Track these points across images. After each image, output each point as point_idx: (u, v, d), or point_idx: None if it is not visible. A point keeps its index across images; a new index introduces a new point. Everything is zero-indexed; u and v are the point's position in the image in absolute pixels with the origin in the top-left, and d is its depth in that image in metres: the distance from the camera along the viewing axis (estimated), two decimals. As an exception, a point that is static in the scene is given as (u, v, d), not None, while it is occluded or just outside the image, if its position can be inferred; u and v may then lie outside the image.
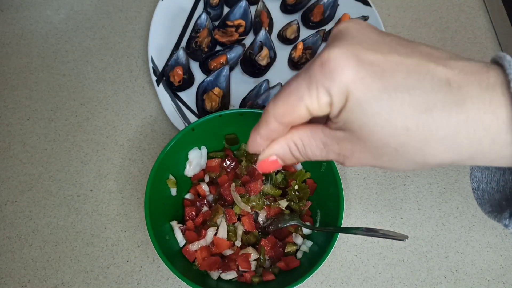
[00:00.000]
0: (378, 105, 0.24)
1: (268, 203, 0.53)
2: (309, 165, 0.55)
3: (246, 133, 0.56)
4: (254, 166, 0.54)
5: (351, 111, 0.25)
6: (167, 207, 0.52)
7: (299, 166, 0.56)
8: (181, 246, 0.51)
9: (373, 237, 0.57)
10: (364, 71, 0.24)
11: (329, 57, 0.24)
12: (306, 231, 0.53)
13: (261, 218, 0.53)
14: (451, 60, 0.24)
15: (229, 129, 0.55)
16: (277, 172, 0.56)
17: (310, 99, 0.26)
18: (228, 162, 0.56)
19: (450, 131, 0.24)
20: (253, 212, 0.53)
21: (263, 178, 0.54)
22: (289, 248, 0.51)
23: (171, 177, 0.53)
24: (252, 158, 0.56)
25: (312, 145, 0.29)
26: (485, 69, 0.24)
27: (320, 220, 0.53)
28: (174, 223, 0.52)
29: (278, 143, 0.30)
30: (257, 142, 0.30)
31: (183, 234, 0.52)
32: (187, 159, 0.55)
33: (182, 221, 0.54)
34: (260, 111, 0.52)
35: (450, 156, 0.25)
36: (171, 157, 0.52)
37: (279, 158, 0.31)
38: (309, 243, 0.51)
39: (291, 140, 0.29)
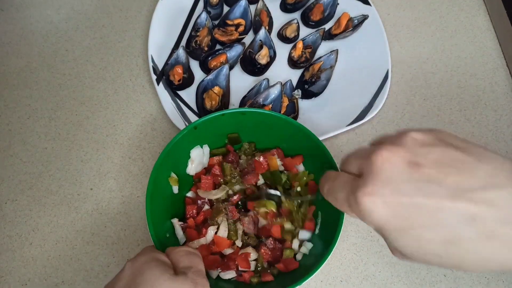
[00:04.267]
0: (408, 240, 0.29)
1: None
2: (311, 167, 0.55)
3: (248, 132, 0.56)
4: (256, 159, 0.54)
5: (387, 238, 0.30)
6: (168, 205, 0.52)
7: (301, 168, 0.56)
8: (181, 244, 0.52)
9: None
10: (391, 214, 0.29)
11: (362, 201, 0.30)
12: (305, 235, 0.52)
13: (260, 222, 0.53)
14: (482, 191, 0.27)
15: (231, 128, 0.55)
16: (281, 172, 0.56)
17: (351, 215, 0.33)
18: (230, 159, 0.56)
19: (479, 258, 0.28)
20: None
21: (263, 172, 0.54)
22: (287, 254, 0.51)
23: (173, 175, 0.53)
24: (252, 152, 0.56)
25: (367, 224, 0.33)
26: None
27: (320, 222, 0.52)
28: (175, 221, 0.52)
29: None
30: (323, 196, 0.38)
31: (184, 232, 0.52)
32: (189, 157, 0.55)
33: (183, 219, 0.54)
34: (261, 111, 0.53)
35: (487, 271, 0.30)
36: (173, 155, 0.52)
37: None
38: (309, 245, 0.51)
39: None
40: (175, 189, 0.54)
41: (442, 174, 0.28)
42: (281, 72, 0.69)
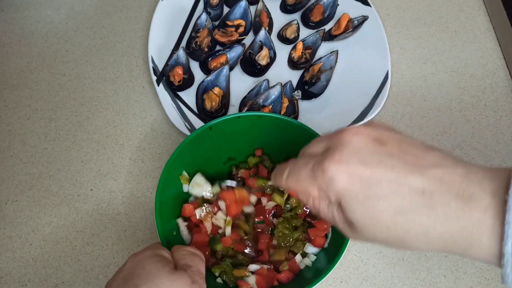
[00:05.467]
0: (364, 209, 0.31)
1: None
2: None
3: (262, 137, 0.55)
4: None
5: (345, 210, 0.32)
6: (176, 203, 0.52)
7: None
8: (187, 244, 0.52)
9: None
10: (353, 183, 0.31)
11: (329, 168, 0.31)
12: (312, 250, 0.51)
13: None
14: (433, 168, 0.30)
15: (246, 131, 0.55)
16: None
17: (313, 190, 0.34)
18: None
19: (421, 230, 0.30)
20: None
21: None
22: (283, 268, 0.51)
23: (184, 173, 0.53)
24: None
25: (325, 213, 0.35)
26: (461, 179, 0.29)
27: (330, 238, 0.52)
28: (180, 221, 0.52)
29: (299, 193, 0.36)
30: (276, 185, 0.39)
31: (189, 231, 0.52)
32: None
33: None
34: (278, 116, 0.53)
35: (427, 248, 0.31)
36: (187, 154, 0.52)
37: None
38: (313, 257, 0.51)
39: (310, 200, 0.35)
40: (185, 188, 0.54)
41: (402, 153, 0.31)
42: (281, 73, 0.69)
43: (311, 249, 0.51)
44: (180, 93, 0.66)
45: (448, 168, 0.30)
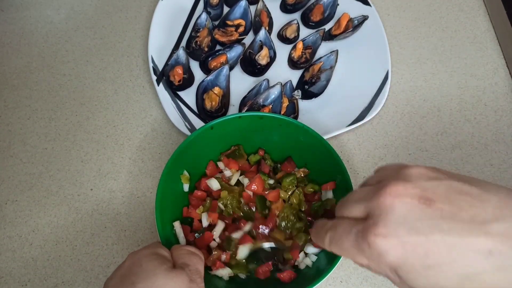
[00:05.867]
0: (426, 278, 0.28)
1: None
2: (319, 175, 0.55)
3: (263, 138, 0.55)
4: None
5: (402, 278, 0.29)
6: (177, 202, 0.52)
7: (330, 194, 0.54)
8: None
9: None
10: (407, 254, 0.28)
11: (375, 243, 0.29)
12: (312, 250, 0.51)
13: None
14: (494, 223, 0.27)
15: (247, 131, 0.55)
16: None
17: (361, 261, 0.31)
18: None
19: None
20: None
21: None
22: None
23: (185, 172, 0.53)
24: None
25: (377, 271, 0.32)
26: None
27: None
28: (177, 224, 0.51)
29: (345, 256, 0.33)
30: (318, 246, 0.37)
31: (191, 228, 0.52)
32: (203, 158, 0.55)
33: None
34: (279, 116, 0.52)
35: None
36: (188, 153, 0.52)
37: None
38: (314, 257, 0.51)
39: (358, 261, 0.32)
40: (186, 187, 0.54)
41: (455, 209, 0.28)
42: (281, 73, 0.69)
43: (311, 249, 0.51)
44: (180, 93, 0.66)
45: (510, 219, 0.27)
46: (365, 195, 0.32)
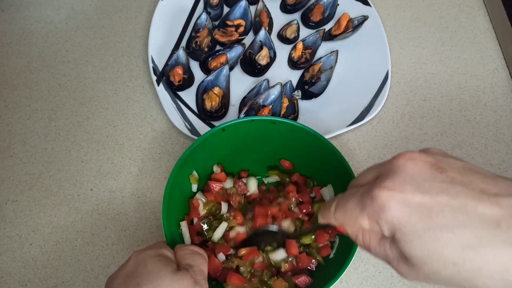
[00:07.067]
0: (424, 242, 0.27)
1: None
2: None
3: (275, 142, 0.54)
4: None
5: (400, 242, 0.28)
6: (184, 202, 0.52)
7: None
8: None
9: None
10: (409, 212, 0.27)
11: (378, 195, 0.28)
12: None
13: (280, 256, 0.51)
14: (507, 197, 0.26)
15: (259, 136, 0.54)
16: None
17: (363, 222, 0.30)
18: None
19: (499, 269, 0.25)
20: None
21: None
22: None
23: (194, 173, 0.53)
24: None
25: (376, 249, 0.32)
26: None
27: (337, 247, 0.51)
28: (183, 223, 0.51)
29: (348, 227, 0.33)
30: (324, 221, 0.36)
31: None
32: (215, 160, 0.55)
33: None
34: (292, 122, 0.52)
35: None
36: (199, 154, 0.51)
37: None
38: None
39: (360, 235, 0.32)
40: (194, 188, 0.54)
41: (467, 180, 0.27)
42: (281, 73, 0.69)
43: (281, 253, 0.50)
44: (180, 93, 0.66)
45: None
46: (378, 164, 0.32)
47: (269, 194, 0.56)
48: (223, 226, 0.51)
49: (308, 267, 0.50)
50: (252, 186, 0.56)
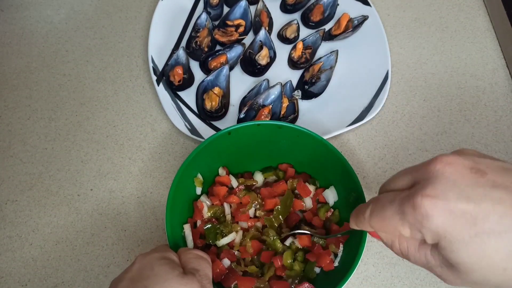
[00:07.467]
0: (472, 249, 0.26)
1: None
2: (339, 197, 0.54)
3: (280, 147, 0.54)
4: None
5: (445, 250, 0.28)
6: (187, 205, 0.52)
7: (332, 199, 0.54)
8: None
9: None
10: (454, 220, 0.27)
11: (422, 204, 0.27)
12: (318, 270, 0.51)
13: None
14: None
15: (265, 140, 0.54)
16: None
17: (403, 230, 0.29)
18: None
19: None
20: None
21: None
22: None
23: (199, 176, 0.53)
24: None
25: (416, 256, 0.31)
26: None
27: (341, 256, 0.51)
28: (187, 226, 0.51)
29: (383, 233, 0.32)
30: (357, 228, 0.35)
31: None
32: (219, 163, 0.55)
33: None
34: (298, 127, 0.52)
35: None
36: (203, 156, 0.51)
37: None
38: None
39: (396, 242, 0.32)
40: (198, 190, 0.53)
41: (508, 182, 0.27)
42: (281, 73, 0.69)
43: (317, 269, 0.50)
44: (180, 93, 0.66)
45: None
46: (412, 168, 0.31)
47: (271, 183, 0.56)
48: (231, 236, 0.51)
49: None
50: (259, 178, 0.56)
